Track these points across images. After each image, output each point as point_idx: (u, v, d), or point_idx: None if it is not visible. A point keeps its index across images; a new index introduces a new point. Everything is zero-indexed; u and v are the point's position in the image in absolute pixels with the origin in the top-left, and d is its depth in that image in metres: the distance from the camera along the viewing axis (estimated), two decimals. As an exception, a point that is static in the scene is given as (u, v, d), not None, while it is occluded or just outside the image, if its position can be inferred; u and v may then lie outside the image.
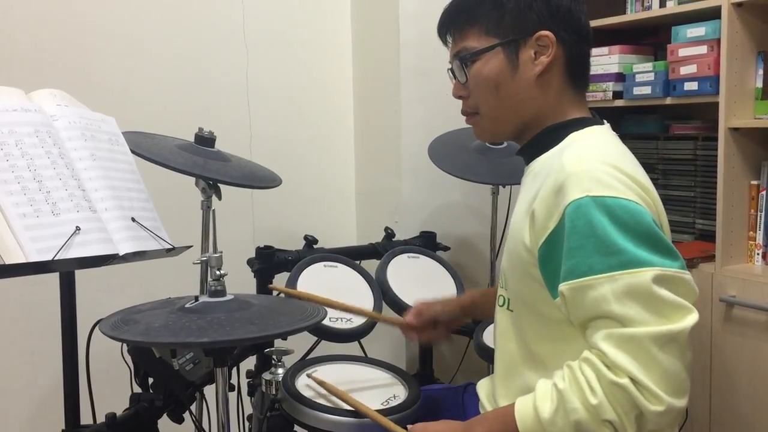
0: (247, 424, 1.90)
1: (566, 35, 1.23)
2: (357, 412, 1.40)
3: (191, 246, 1.55)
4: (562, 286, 1.09)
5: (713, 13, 1.90)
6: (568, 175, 1.10)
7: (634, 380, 1.03)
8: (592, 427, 1.05)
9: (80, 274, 1.44)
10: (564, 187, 1.09)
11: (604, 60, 2.23)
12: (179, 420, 1.64)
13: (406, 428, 1.27)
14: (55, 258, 1.21)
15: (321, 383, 1.47)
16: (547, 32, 1.22)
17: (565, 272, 1.09)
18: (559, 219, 1.10)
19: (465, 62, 1.26)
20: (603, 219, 1.06)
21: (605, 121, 1.30)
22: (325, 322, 1.46)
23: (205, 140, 1.84)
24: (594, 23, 2.11)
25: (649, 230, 1.07)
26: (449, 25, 1.31)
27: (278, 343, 1.67)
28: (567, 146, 1.20)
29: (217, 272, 1.31)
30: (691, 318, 1.05)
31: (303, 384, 1.53)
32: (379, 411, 1.38)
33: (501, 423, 1.15)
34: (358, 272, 1.90)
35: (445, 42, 1.34)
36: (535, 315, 1.20)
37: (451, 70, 1.32)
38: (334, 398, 1.45)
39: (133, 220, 1.41)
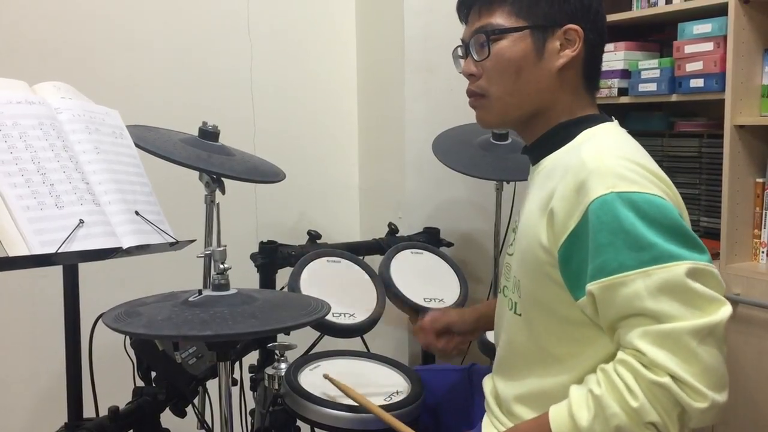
0: (249, 418, 1.91)
1: (591, 35, 1.22)
2: (358, 407, 1.40)
3: (195, 240, 1.55)
4: (591, 286, 1.05)
5: (720, 10, 1.89)
6: (589, 172, 1.07)
7: (675, 378, 0.99)
8: (634, 431, 1.02)
9: (84, 268, 1.43)
10: (586, 185, 1.07)
11: (610, 56, 2.22)
12: (182, 414, 1.64)
13: None
14: (59, 251, 1.21)
15: (336, 383, 1.45)
16: (577, 27, 1.20)
17: (594, 271, 1.05)
18: (581, 217, 1.07)
19: (490, 38, 1.22)
20: (630, 214, 1.03)
21: (613, 118, 1.29)
22: (328, 317, 1.46)
23: (209, 134, 1.84)
24: (600, 19, 2.10)
25: (677, 224, 1.05)
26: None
27: (281, 338, 1.67)
28: (582, 143, 1.18)
29: (221, 266, 1.31)
30: (725, 310, 1.03)
31: (306, 379, 1.53)
32: (382, 407, 1.38)
33: None
34: (362, 267, 1.89)
35: (464, 17, 1.29)
36: (551, 317, 1.17)
37: (464, 46, 1.28)
38: (337, 394, 1.46)
39: (137, 213, 1.40)
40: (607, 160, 1.09)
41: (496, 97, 1.25)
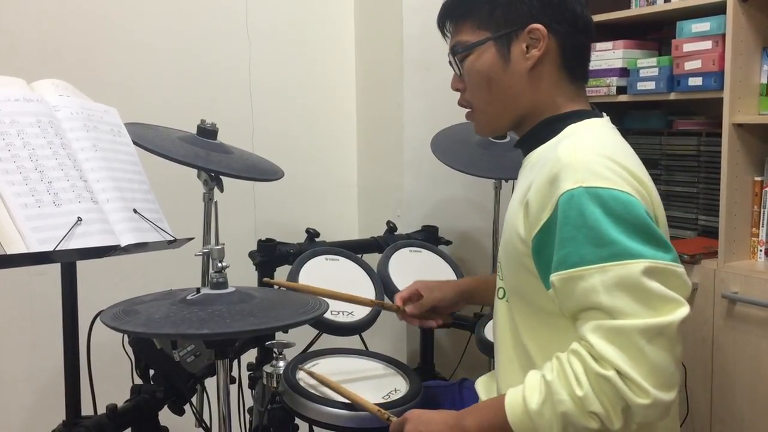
0: (247, 416, 1.91)
1: (559, 27, 1.23)
2: (358, 406, 1.40)
3: (193, 238, 1.55)
4: (553, 277, 1.09)
5: (718, 8, 1.89)
6: (562, 166, 1.10)
7: (620, 373, 1.03)
8: (579, 419, 1.05)
9: (82, 265, 1.43)
10: (558, 178, 1.09)
11: (608, 55, 2.22)
12: (180, 412, 1.64)
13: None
14: (57, 248, 1.21)
15: (311, 374, 1.50)
16: (538, 25, 1.21)
17: (557, 263, 1.09)
18: (552, 209, 1.10)
19: (458, 56, 1.28)
20: (595, 210, 1.06)
21: (604, 114, 1.29)
22: (327, 315, 1.46)
23: (207, 132, 1.84)
24: (598, 18, 2.10)
25: (642, 222, 1.07)
26: (446, 19, 1.32)
27: (279, 336, 1.67)
28: (564, 138, 1.20)
29: (219, 264, 1.31)
30: (681, 311, 1.05)
31: (304, 377, 1.53)
32: (380, 404, 1.39)
33: (492, 413, 1.15)
34: (360, 266, 1.90)
35: (444, 35, 1.35)
36: (528, 306, 1.21)
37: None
38: (330, 390, 1.46)
39: (135, 211, 1.41)
40: (581, 155, 1.11)
41: (479, 109, 1.30)
